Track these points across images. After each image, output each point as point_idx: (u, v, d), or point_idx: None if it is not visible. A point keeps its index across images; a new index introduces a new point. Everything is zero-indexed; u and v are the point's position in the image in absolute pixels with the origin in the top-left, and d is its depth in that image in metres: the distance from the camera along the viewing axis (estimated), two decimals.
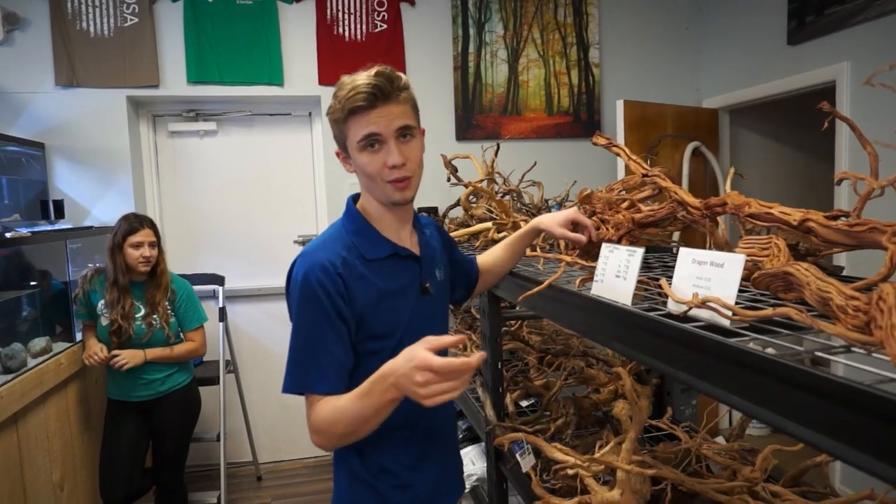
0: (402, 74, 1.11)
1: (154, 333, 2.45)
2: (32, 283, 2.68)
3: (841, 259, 2.49)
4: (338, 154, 1.17)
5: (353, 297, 1.09)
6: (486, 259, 1.48)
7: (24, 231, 2.50)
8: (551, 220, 1.34)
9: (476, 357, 0.87)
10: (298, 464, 3.62)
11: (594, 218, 1.32)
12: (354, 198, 1.23)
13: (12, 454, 2.07)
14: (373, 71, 1.06)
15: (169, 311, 2.51)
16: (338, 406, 1.02)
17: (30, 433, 2.19)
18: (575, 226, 1.31)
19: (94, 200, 3.24)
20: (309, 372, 1.06)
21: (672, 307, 0.87)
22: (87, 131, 3.19)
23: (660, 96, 3.63)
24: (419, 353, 0.88)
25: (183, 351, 2.56)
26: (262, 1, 3.33)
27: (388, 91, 1.06)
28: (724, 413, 3.56)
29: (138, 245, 2.41)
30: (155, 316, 2.46)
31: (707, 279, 0.85)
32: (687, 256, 0.90)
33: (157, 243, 2.48)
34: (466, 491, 1.96)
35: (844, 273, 1.11)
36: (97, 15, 3.16)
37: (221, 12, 3.29)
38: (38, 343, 2.41)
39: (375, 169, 1.09)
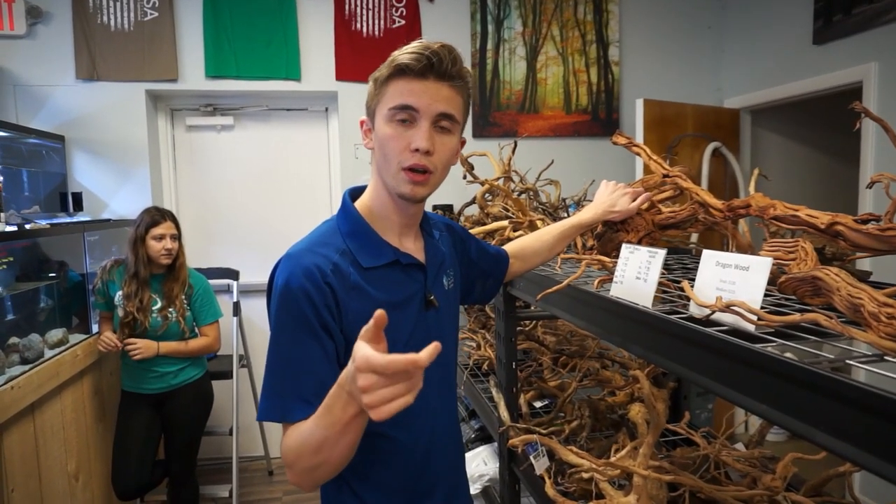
0: (468, 67, 0.98)
1: (169, 326, 2.47)
2: (50, 275, 2.71)
3: (865, 264, 2.44)
4: (362, 123, 1.02)
5: (343, 310, 0.93)
6: (524, 243, 1.37)
7: (43, 223, 2.53)
8: (616, 205, 1.25)
9: (426, 353, 0.67)
10: None
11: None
12: (352, 193, 1.07)
13: (29, 444, 2.10)
14: (439, 42, 0.93)
15: (185, 305, 2.53)
16: (301, 431, 0.84)
17: (46, 423, 2.22)
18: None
19: (112, 193, 3.26)
20: (288, 395, 0.89)
21: (694, 310, 0.85)
22: (106, 124, 3.22)
23: (680, 96, 3.58)
24: (359, 349, 0.69)
25: (197, 346, 2.57)
26: None
27: (446, 67, 0.93)
28: (742, 420, 3.50)
29: (161, 237, 2.43)
30: (171, 309, 2.47)
31: (731, 283, 0.83)
32: (710, 259, 0.88)
33: (178, 236, 2.50)
34: (478, 491, 1.94)
35: (872, 279, 1.08)
36: (118, 9, 3.19)
37: (240, 7, 3.29)
38: (56, 334, 2.44)
39: (396, 147, 0.94)
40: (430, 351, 0.67)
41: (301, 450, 0.84)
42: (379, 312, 0.70)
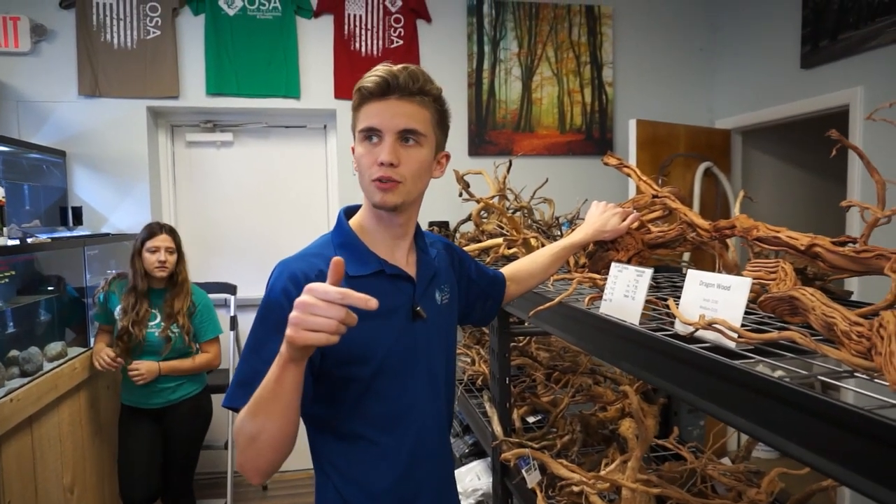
0: (436, 84, 1.05)
1: (174, 344, 2.48)
2: (50, 289, 2.73)
3: (852, 283, 2.49)
4: (352, 150, 1.08)
5: None
6: (519, 266, 1.41)
7: (43, 237, 2.55)
8: (606, 225, 1.30)
9: (361, 296, 0.76)
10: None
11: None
12: (347, 211, 1.15)
13: (26, 456, 2.11)
14: (400, 65, 1.01)
15: (189, 321, 2.53)
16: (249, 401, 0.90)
17: (43, 436, 2.23)
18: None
19: (112, 208, 3.30)
20: (255, 386, 0.90)
21: (679, 328, 0.89)
22: (107, 140, 3.26)
23: (672, 116, 3.65)
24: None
25: (199, 363, 2.57)
26: (282, 16, 3.39)
27: (404, 85, 1.00)
28: (731, 434, 3.53)
29: (155, 250, 2.45)
30: (174, 326, 2.48)
31: (714, 301, 0.87)
32: (695, 278, 0.92)
33: (175, 250, 2.52)
34: None
35: (854, 298, 1.12)
36: (121, 27, 3.24)
37: (241, 26, 3.36)
38: (55, 347, 2.46)
39: (366, 162, 1.02)
40: (364, 298, 0.77)
41: (243, 417, 0.90)
42: (335, 259, 0.78)
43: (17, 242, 2.28)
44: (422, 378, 1.09)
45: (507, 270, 1.40)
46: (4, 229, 2.27)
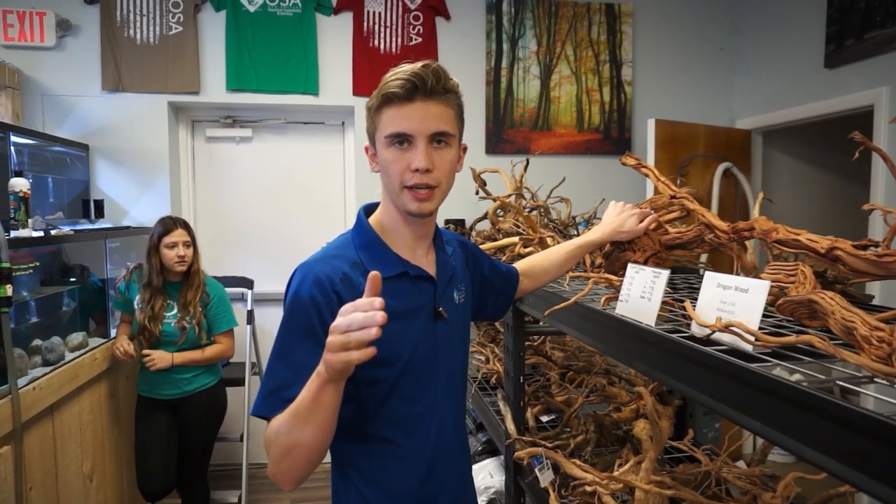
0: (453, 78, 1.01)
1: (187, 335, 2.52)
2: (72, 280, 2.78)
3: (873, 288, 2.45)
4: (366, 149, 1.07)
5: None
6: (534, 261, 1.41)
7: (66, 229, 2.60)
8: (624, 226, 1.29)
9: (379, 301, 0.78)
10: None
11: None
12: (367, 209, 1.13)
13: (47, 444, 2.15)
14: (420, 63, 0.96)
15: (201, 313, 2.57)
16: (280, 415, 0.91)
17: (64, 424, 2.27)
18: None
19: (132, 201, 3.34)
20: (283, 395, 0.92)
21: (695, 330, 0.88)
22: (129, 134, 3.30)
23: (692, 116, 3.62)
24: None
25: (211, 354, 2.61)
26: (302, 13, 3.42)
27: (431, 85, 0.96)
28: (746, 437, 3.49)
29: (173, 245, 2.49)
30: (188, 318, 2.52)
31: (731, 304, 0.86)
32: (712, 280, 0.91)
33: (191, 244, 2.56)
34: (484, 503, 1.97)
35: (875, 302, 1.10)
36: (144, 23, 3.28)
37: (262, 23, 3.39)
38: (76, 338, 2.50)
39: (398, 169, 0.98)
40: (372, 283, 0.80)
41: (278, 430, 0.90)
42: (372, 274, 0.80)
43: (41, 234, 2.32)
44: (442, 378, 1.10)
45: (521, 265, 1.40)
46: (29, 221, 2.32)
